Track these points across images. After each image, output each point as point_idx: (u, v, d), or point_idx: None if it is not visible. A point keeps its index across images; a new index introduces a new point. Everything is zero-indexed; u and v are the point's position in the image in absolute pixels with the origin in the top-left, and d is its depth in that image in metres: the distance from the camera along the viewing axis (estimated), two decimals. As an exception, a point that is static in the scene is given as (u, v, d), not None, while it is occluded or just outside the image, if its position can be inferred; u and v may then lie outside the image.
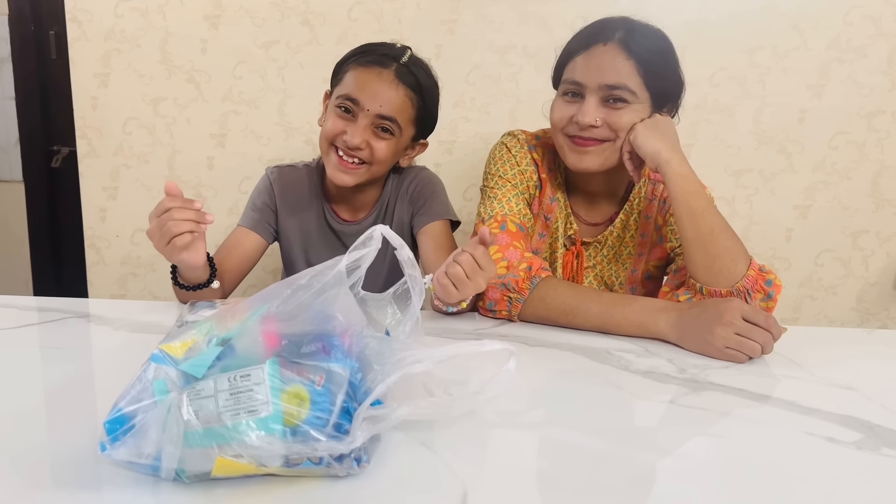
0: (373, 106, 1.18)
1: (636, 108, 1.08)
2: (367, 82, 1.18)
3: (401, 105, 1.20)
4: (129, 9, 1.74)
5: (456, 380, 0.78)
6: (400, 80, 1.19)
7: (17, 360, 0.86)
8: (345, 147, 1.20)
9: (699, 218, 1.02)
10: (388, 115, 1.19)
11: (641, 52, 1.07)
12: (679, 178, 1.03)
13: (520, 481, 0.60)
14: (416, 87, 1.21)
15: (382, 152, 1.21)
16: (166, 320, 1.02)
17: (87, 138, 1.82)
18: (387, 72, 1.19)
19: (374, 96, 1.17)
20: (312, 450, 0.55)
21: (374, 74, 1.19)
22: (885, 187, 1.74)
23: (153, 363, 0.58)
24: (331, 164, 1.23)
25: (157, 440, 0.54)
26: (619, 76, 1.07)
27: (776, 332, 0.91)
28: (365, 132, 1.19)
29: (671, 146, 1.05)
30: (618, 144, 1.10)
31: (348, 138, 1.18)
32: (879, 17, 1.64)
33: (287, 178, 1.34)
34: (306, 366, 0.59)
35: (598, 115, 1.08)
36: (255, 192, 1.36)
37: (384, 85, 1.18)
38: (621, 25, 1.09)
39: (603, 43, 1.08)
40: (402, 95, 1.20)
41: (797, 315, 1.83)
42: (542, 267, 1.08)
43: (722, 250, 1.01)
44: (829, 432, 0.71)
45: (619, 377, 0.85)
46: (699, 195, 1.03)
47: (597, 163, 1.12)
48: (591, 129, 1.09)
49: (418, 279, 0.71)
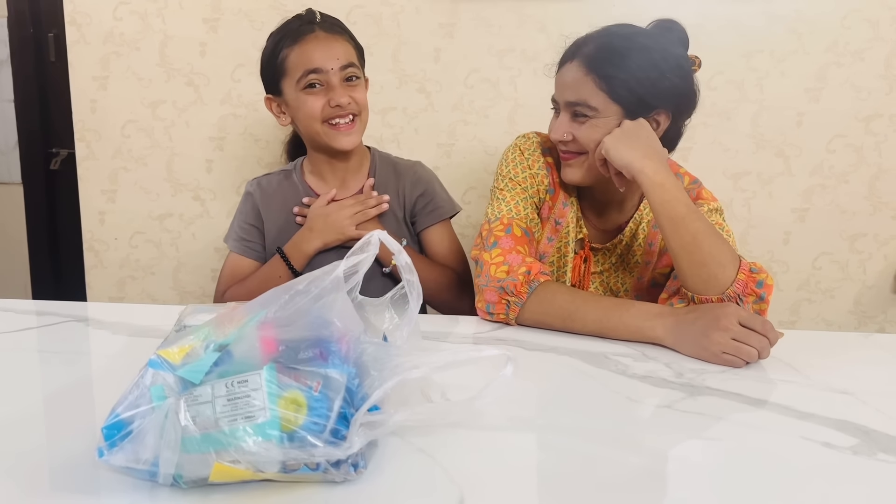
0: (333, 63, 1.24)
1: (598, 123, 1.09)
2: (313, 50, 1.24)
3: (348, 50, 1.28)
4: (127, 12, 1.74)
5: (453, 385, 0.78)
6: (330, 32, 1.27)
7: (15, 364, 0.86)
8: (336, 112, 1.25)
9: (680, 225, 1.01)
10: (348, 61, 1.26)
11: (602, 67, 1.07)
12: (655, 188, 1.02)
13: (517, 486, 0.61)
14: (344, 31, 1.30)
15: (362, 97, 1.28)
16: (164, 324, 1.02)
17: (85, 141, 1.83)
18: (317, 33, 1.26)
19: (328, 55, 1.24)
20: (310, 455, 0.55)
21: (311, 41, 1.25)
22: (883, 191, 1.75)
23: (151, 369, 0.59)
24: (331, 136, 1.27)
25: (154, 446, 0.54)
26: (579, 93, 1.09)
27: (773, 336, 0.91)
28: (344, 88, 1.25)
29: (643, 153, 1.03)
30: (591, 159, 1.11)
31: (335, 100, 1.24)
32: (877, 21, 1.64)
33: (267, 187, 1.39)
34: (304, 371, 0.59)
35: (566, 130, 1.12)
36: (238, 214, 1.40)
37: (324, 43, 1.25)
38: (593, 40, 1.11)
39: (570, 60, 1.11)
40: (343, 41, 1.28)
41: (795, 318, 1.84)
42: (541, 271, 1.08)
43: (707, 257, 1.00)
44: (826, 437, 0.71)
45: (617, 381, 0.86)
46: (678, 202, 1.01)
47: (578, 175, 1.15)
48: (565, 144, 1.13)
49: (416, 284, 0.71)
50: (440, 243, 1.38)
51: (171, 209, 1.86)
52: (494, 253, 1.10)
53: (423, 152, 1.73)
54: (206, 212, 1.85)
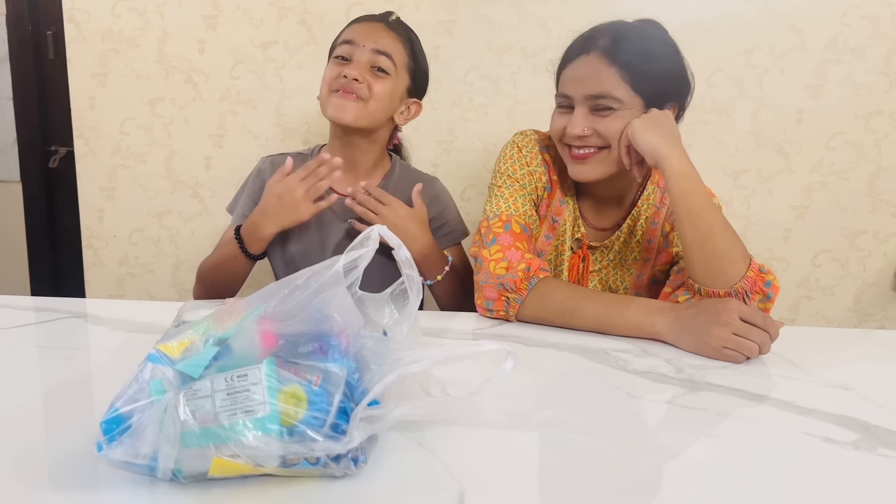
0: (367, 42, 1.23)
1: (624, 115, 1.08)
2: (360, 28, 1.26)
3: (394, 45, 1.26)
4: (126, 9, 1.74)
5: (453, 380, 0.78)
6: (390, 28, 1.27)
7: (14, 361, 0.86)
8: (343, 84, 1.23)
9: (697, 217, 1.02)
10: (383, 49, 1.24)
11: (625, 58, 1.07)
12: (678, 176, 1.02)
13: (517, 481, 0.60)
14: (407, 37, 1.29)
15: (379, 90, 1.24)
16: (163, 320, 1.02)
17: (84, 138, 1.82)
18: (377, 22, 1.27)
19: (368, 35, 1.24)
20: (309, 450, 0.55)
21: (365, 23, 1.27)
22: (883, 188, 1.75)
23: (150, 363, 0.58)
24: (330, 105, 1.25)
25: (153, 440, 0.54)
26: (602, 85, 1.07)
27: (774, 332, 0.91)
28: (363, 68, 1.23)
29: (670, 142, 1.04)
30: (613, 153, 1.10)
31: (346, 72, 1.22)
32: (877, 18, 1.64)
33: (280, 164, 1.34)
34: (303, 366, 0.58)
35: (586, 125, 1.09)
36: (248, 188, 1.37)
37: (376, 28, 1.26)
38: (607, 33, 1.10)
39: (586, 53, 1.10)
40: (395, 37, 1.27)
41: (795, 315, 1.84)
42: (540, 267, 1.07)
43: (720, 251, 1.01)
44: (826, 432, 0.71)
45: (617, 377, 0.85)
46: (698, 194, 1.02)
47: (596, 173, 1.12)
48: (584, 139, 1.10)
49: (416, 279, 0.70)
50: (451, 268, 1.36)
51: (170, 206, 1.86)
52: (493, 249, 1.10)
53: (422, 150, 1.73)
54: (204, 209, 1.85)
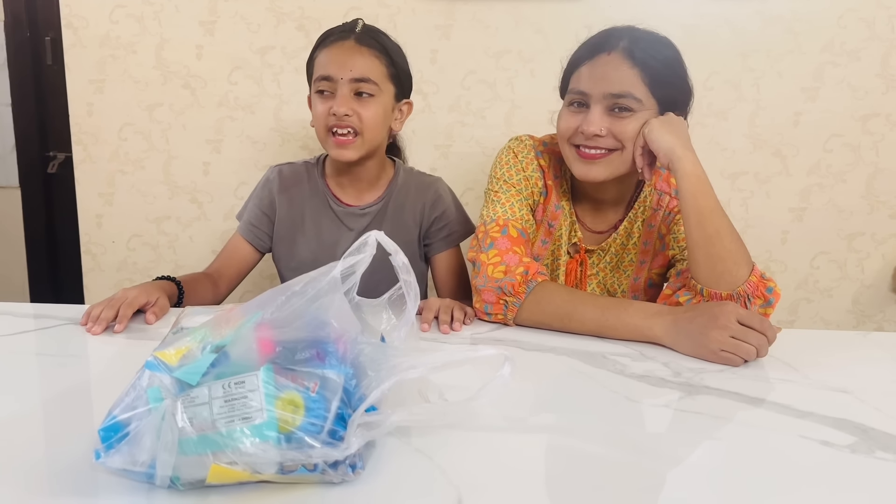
0: (344, 73, 1.23)
1: (642, 117, 1.08)
2: (332, 57, 1.25)
3: (369, 65, 1.24)
4: (124, 15, 1.74)
5: (451, 385, 0.78)
6: (361, 44, 1.25)
7: (12, 368, 0.86)
8: (335, 122, 1.23)
9: (706, 218, 1.03)
10: (361, 76, 1.23)
11: (646, 60, 1.07)
12: (691, 177, 1.04)
13: (515, 486, 0.60)
14: (379, 47, 1.27)
15: (369, 116, 1.24)
16: (162, 328, 1.02)
17: (82, 144, 1.82)
18: (347, 42, 1.25)
19: (343, 65, 1.23)
20: (307, 456, 0.55)
21: (335, 49, 1.25)
22: (880, 190, 1.75)
23: (147, 371, 0.58)
24: (330, 146, 1.27)
25: (151, 448, 0.54)
26: (624, 84, 1.07)
27: (771, 334, 0.91)
28: (347, 100, 1.23)
29: (685, 144, 1.06)
30: (625, 155, 1.10)
31: (334, 109, 1.22)
32: (873, 20, 1.65)
33: (288, 177, 1.39)
34: (301, 372, 0.59)
35: (603, 125, 1.08)
36: (255, 197, 1.40)
37: (347, 53, 1.24)
38: (626, 34, 1.10)
39: (607, 52, 1.09)
40: (368, 56, 1.25)
41: (793, 318, 1.84)
42: (538, 271, 1.08)
43: (726, 253, 1.01)
44: (824, 435, 0.71)
45: (615, 381, 0.85)
46: (708, 196, 1.04)
47: (605, 173, 1.12)
48: (596, 139, 1.09)
49: (413, 285, 0.71)
50: (446, 270, 1.39)
51: (169, 212, 1.86)
52: (491, 254, 1.10)
53: (420, 154, 1.73)
54: (203, 214, 1.85)
